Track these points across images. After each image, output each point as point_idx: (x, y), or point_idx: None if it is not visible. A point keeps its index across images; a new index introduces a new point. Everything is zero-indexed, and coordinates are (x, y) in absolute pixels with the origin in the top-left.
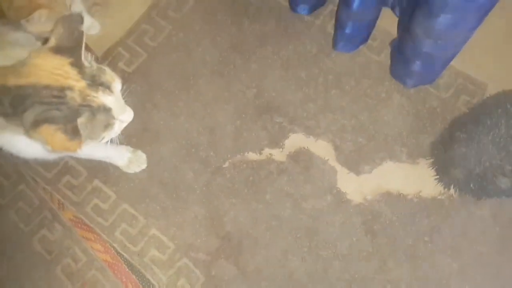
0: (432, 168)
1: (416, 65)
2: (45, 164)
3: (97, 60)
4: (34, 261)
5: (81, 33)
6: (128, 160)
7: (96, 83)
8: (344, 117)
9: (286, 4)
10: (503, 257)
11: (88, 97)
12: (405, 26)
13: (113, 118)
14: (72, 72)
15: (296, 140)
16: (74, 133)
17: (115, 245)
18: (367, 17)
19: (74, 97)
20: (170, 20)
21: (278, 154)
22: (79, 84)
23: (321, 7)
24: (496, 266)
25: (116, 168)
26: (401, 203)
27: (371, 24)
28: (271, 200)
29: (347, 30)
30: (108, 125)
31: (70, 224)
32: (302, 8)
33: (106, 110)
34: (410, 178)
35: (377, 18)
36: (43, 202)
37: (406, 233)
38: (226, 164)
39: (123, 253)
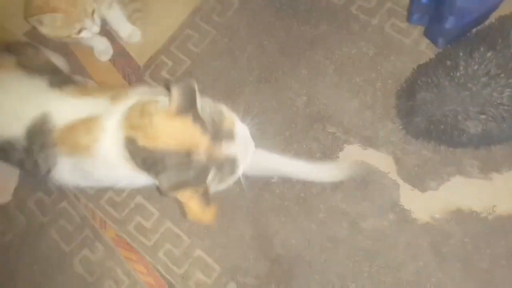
0: (398, 118)
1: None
2: None
3: (139, 69)
4: (75, 283)
5: (194, 90)
6: None
7: (219, 135)
8: None
9: (340, 3)
10: None
11: (213, 155)
12: None
13: (239, 165)
14: (196, 130)
15: (351, 152)
16: (206, 200)
17: (158, 266)
18: None
19: (199, 159)
20: (215, 24)
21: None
22: (204, 142)
23: None
24: None
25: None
26: (474, 222)
27: None
28: (325, 219)
29: (424, 0)
30: (234, 170)
31: (112, 244)
32: None
33: (232, 160)
34: (483, 194)
35: None
36: (85, 220)
37: (480, 256)
38: (275, 179)
39: (166, 275)
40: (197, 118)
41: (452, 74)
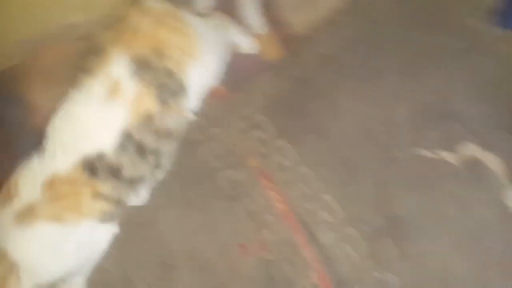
0: None
1: None
2: None
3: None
4: (217, 193)
5: None
6: None
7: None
8: None
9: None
10: None
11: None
12: None
13: None
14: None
15: (470, 149)
16: None
17: (291, 199)
18: None
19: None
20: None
21: (452, 158)
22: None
23: None
24: None
25: None
26: None
27: None
28: (439, 197)
29: None
30: None
31: (254, 171)
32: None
33: None
34: None
35: None
36: (237, 146)
37: None
38: (401, 155)
39: (297, 208)
40: None
41: None
